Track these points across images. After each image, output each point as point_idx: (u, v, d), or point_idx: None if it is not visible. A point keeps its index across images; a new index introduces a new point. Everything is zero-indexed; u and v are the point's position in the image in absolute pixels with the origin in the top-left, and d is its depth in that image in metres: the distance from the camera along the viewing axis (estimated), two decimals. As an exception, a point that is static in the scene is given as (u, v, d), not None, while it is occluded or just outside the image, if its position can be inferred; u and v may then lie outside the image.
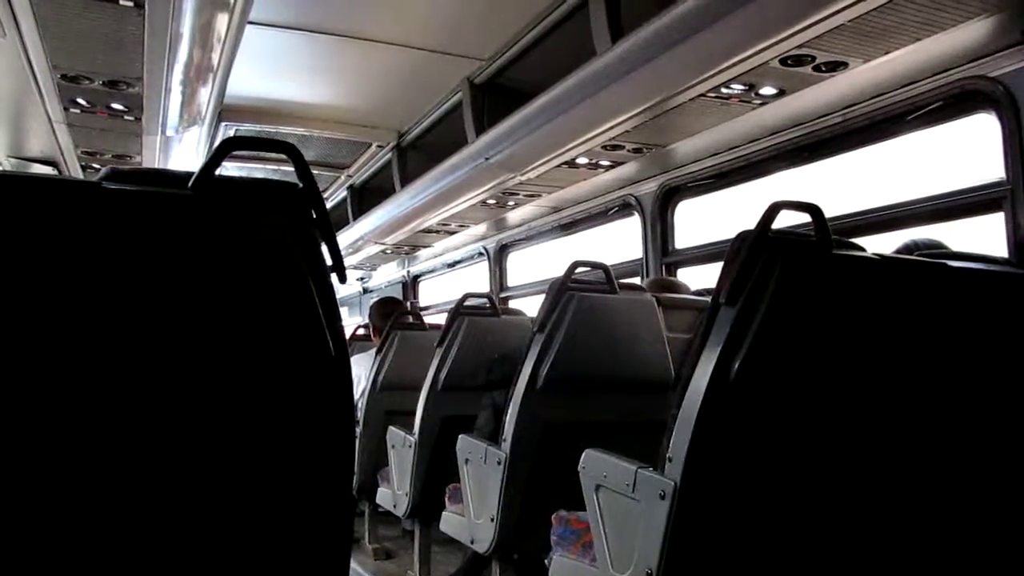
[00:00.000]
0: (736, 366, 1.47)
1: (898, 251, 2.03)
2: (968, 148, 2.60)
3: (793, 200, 1.55)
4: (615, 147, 3.34)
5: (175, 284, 1.06)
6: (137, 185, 1.07)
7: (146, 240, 1.05)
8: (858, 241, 1.73)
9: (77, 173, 4.21)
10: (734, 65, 2.42)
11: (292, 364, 1.13)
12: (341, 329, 1.17)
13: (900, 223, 2.70)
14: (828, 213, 1.58)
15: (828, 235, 1.55)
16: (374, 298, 5.59)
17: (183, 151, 3.92)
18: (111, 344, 1.01)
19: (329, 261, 1.18)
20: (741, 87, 2.61)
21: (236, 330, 1.09)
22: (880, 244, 2.29)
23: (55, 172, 4.18)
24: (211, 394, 1.08)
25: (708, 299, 1.66)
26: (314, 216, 1.16)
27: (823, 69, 2.43)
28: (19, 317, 0.96)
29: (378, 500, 3.50)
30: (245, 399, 1.10)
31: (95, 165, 4.13)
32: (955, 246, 2.07)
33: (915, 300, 1.68)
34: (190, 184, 1.08)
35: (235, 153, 1.13)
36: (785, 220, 1.54)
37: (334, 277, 1.19)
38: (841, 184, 3.03)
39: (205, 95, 3.25)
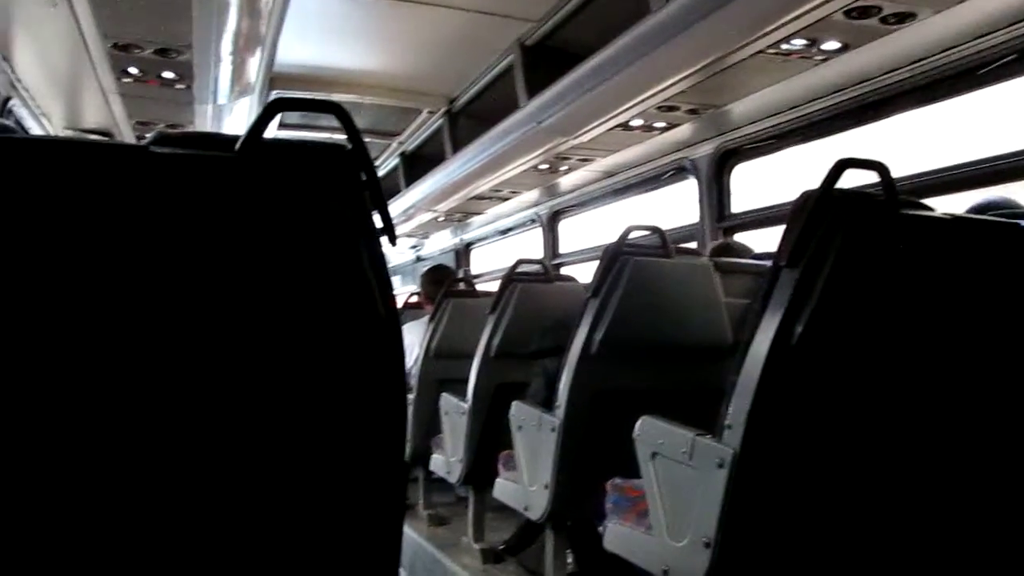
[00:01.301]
0: (799, 330, 1.43)
1: (970, 211, 1.95)
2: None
3: (859, 158, 1.49)
4: (670, 108, 3.27)
5: (223, 247, 1.05)
6: (184, 149, 1.06)
7: (194, 203, 1.04)
8: (927, 202, 1.67)
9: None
10: (795, 19, 2.32)
11: (342, 328, 1.11)
12: (391, 292, 1.15)
13: (972, 183, 2.59)
14: (895, 173, 1.51)
15: (895, 194, 1.49)
16: (427, 266, 5.60)
17: (235, 120, 3.95)
18: (159, 308, 1.00)
19: (379, 224, 1.16)
20: (802, 42, 2.51)
21: (284, 294, 1.09)
22: (951, 205, 2.20)
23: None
24: (261, 359, 1.07)
25: (767, 263, 1.62)
26: (363, 178, 1.14)
27: (890, 21, 2.32)
28: (72, 280, 0.96)
29: (432, 467, 3.52)
30: (295, 364, 1.09)
31: (148, 135, 4.19)
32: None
33: (987, 263, 1.61)
34: (236, 147, 1.07)
35: (286, 123, 1.12)
36: (850, 181, 1.49)
37: (385, 241, 1.17)
38: (909, 144, 2.91)
39: (255, 63, 3.26)
